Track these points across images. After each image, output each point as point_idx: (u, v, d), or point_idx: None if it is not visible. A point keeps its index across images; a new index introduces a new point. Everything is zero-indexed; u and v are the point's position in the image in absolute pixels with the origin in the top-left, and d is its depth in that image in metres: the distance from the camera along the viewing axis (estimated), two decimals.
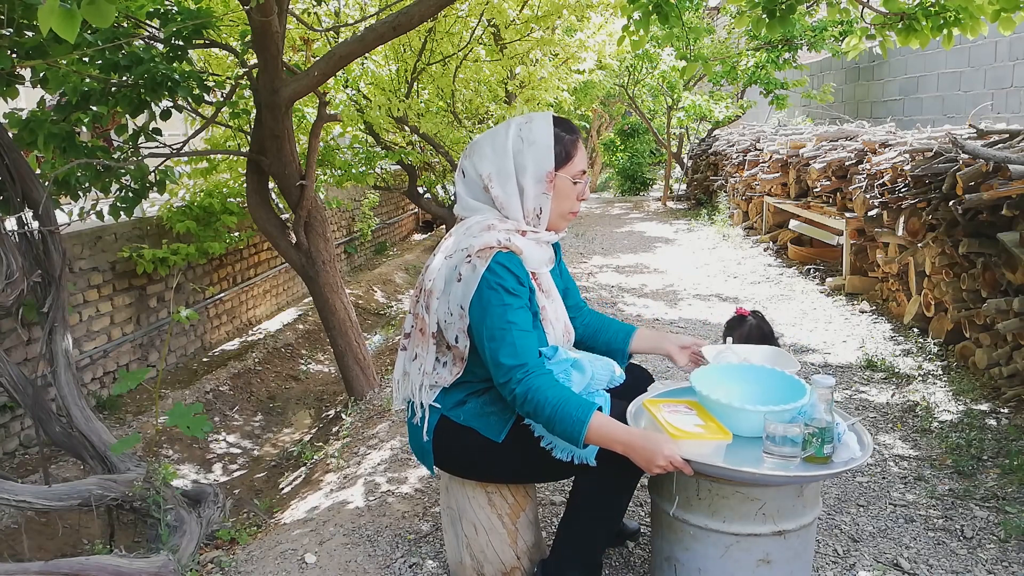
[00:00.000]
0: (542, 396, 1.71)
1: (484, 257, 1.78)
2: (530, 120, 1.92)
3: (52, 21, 1.46)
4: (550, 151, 1.88)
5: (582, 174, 1.94)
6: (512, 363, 1.74)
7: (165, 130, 3.76)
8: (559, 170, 1.90)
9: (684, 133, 14.91)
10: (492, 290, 1.77)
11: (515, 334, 1.76)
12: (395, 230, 10.58)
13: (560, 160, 1.89)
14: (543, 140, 1.88)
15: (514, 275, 1.80)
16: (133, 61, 3.18)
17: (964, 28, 3.42)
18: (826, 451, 1.71)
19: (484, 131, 6.92)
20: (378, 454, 3.30)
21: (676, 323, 5.13)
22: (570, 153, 1.91)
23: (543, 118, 1.92)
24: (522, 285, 1.82)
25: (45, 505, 2.54)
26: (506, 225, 1.88)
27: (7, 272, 2.70)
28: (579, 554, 1.93)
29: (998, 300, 3.41)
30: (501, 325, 1.76)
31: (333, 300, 4.14)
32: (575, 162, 1.92)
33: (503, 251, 1.80)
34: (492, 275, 1.77)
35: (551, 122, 1.91)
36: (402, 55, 5.89)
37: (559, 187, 1.91)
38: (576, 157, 1.92)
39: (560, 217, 1.96)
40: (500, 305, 1.77)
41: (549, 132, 1.89)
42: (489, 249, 1.79)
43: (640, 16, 3.52)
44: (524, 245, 1.86)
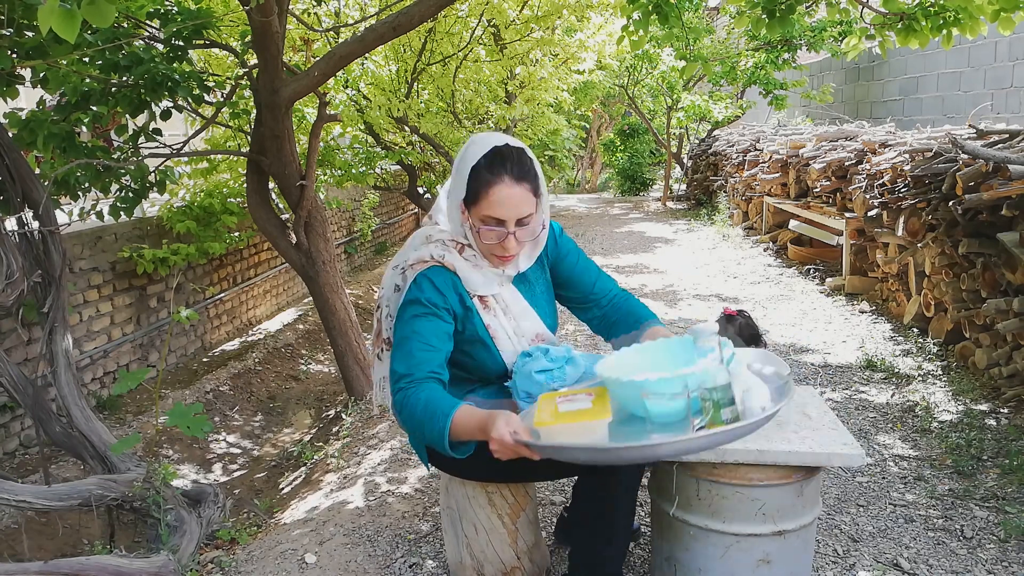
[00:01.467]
0: (414, 399, 1.65)
1: (415, 270, 1.78)
2: (477, 141, 1.76)
3: (52, 21, 1.46)
4: (463, 182, 1.73)
5: (495, 222, 1.72)
6: (401, 371, 1.70)
7: (165, 130, 3.76)
8: (469, 206, 1.75)
9: (684, 133, 14.91)
10: (408, 303, 1.77)
11: (414, 344, 1.72)
12: (395, 230, 10.58)
13: (469, 196, 1.73)
14: (464, 166, 1.74)
15: (436, 289, 1.77)
16: (133, 61, 3.19)
17: (964, 28, 3.42)
18: (725, 416, 1.47)
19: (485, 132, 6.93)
20: (378, 454, 3.30)
21: (676, 323, 5.13)
22: (479, 195, 1.71)
23: (482, 144, 1.74)
24: (443, 297, 1.77)
25: (45, 505, 2.54)
26: (444, 236, 1.82)
27: (7, 272, 2.70)
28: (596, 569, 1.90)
29: (998, 300, 3.41)
30: (405, 333, 1.74)
31: (333, 300, 4.14)
32: (482, 205, 1.71)
33: (435, 265, 1.78)
34: (415, 287, 1.77)
35: (485, 150, 1.72)
36: (402, 55, 5.90)
37: (473, 224, 1.76)
38: (485, 201, 1.71)
39: (487, 252, 1.80)
40: (410, 316, 1.75)
41: (471, 161, 1.72)
42: (422, 263, 1.78)
43: (640, 16, 3.52)
44: (461, 265, 1.79)
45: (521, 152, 1.75)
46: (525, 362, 1.86)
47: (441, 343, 1.76)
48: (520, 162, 1.73)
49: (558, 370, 1.84)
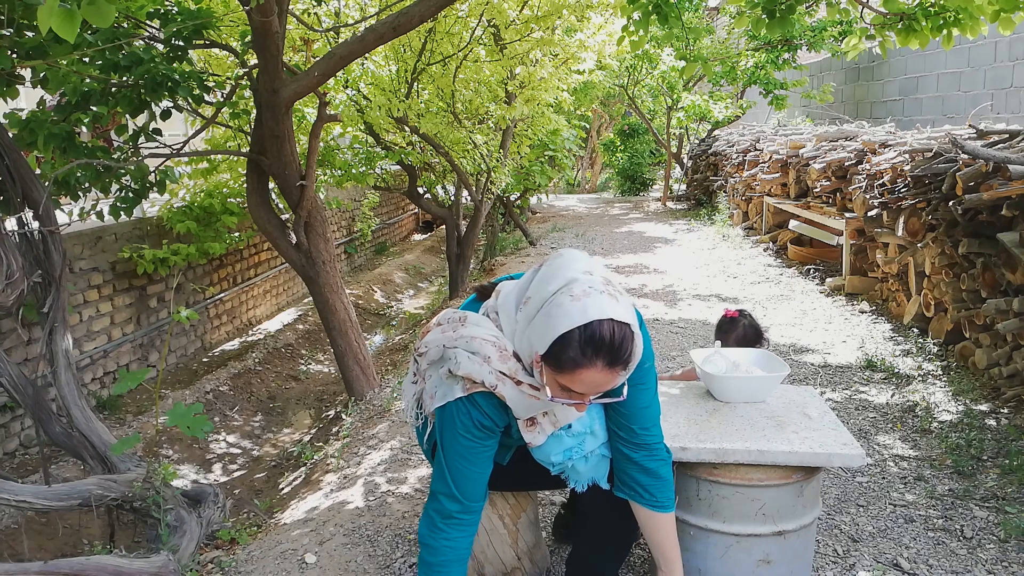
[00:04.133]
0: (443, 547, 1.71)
1: (465, 388, 1.66)
2: (579, 299, 1.49)
3: (52, 21, 1.46)
4: (547, 342, 1.51)
5: (564, 393, 1.56)
6: (452, 492, 1.71)
7: (165, 130, 3.76)
8: (547, 365, 1.55)
9: (684, 133, 14.91)
10: (461, 423, 1.68)
11: (463, 467, 1.70)
12: (395, 230, 10.58)
13: (550, 361, 1.53)
14: (553, 327, 1.50)
15: (487, 417, 1.69)
16: (133, 61, 3.18)
17: (964, 28, 3.42)
18: None
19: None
20: (378, 454, 3.30)
21: (676, 323, 5.13)
22: (562, 368, 1.51)
23: (583, 312, 1.47)
24: (494, 427, 1.71)
25: (45, 505, 2.54)
26: (504, 366, 1.63)
27: (7, 272, 2.70)
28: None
29: (998, 300, 3.41)
30: (455, 454, 1.70)
31: (333, 300, 4.14)
32: (565, 377, 1.52)
33: (486, 392, 1.66)
34: (466, 410, 1.67)
35: (583, 322, 1.47)
36: (402, 55, 5.89)
37: (545, 374, 1.57)
38: (568, 376, 1.51)
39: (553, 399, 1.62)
40: (460, 439, 1.69)
41: (563, 327, 1.48)
42: (472, 384, 1.65)
43: (640, 16, 3.52)
44: (513, 396, 1.65)
45: (623, 335, 1.49)
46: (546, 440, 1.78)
47: (484, 466, 1.74)
48: (620, 346, 1.48)
49: (578, 447, 1.78)
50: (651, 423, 1.76)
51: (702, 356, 2.20)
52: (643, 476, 1.75)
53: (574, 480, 1.81)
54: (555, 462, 1.78)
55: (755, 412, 2.02)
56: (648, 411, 1.76)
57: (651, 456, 1.75)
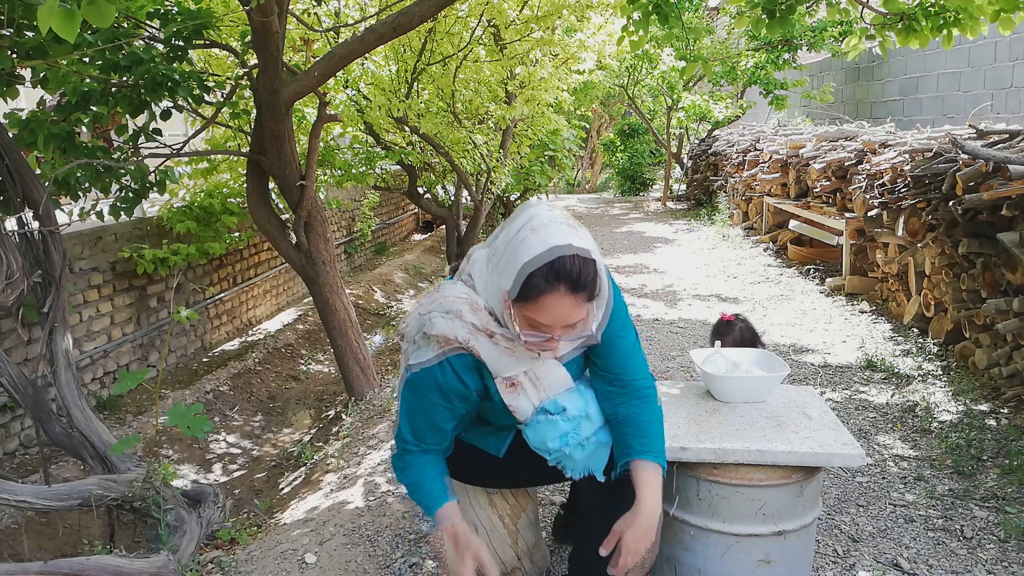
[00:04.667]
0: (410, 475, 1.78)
1: (440, 347, 1.68)
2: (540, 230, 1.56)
3: (52, 21, 1.46)
4: (512, 276, 1.56)
5: (543, 327, 1.57)
6: (408, 437, 1.77)
7: (165, 130, 3.76)
8: (515, 302, 1.58)
9: (684, 133, 14.91)
10: (428, 384, 1.70)
11: (423, 422, 1.75)
12: (395, 230, 10.58)
13: (517, 296, 1.56)
14: (517, 261, 1.55)
15: (460, 380, 1.70)
16: (133, 61, 3.18)
17: (964, 28, 3.42)
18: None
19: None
20: (378, 454, 3.30)
21: (676, 323, 5.13)
22: (528, 299, 1.54)
23: (543, 239, 1.54)
24: (464, 386, 1.71)
25: (45, 505, 2.54)
26: (475, 318, 1.66)
27: (7, 272, 2.70)
28: None
29: (998, 300, 3.41)
30: (416, 409, 1.75)
31: (333, 300, 4.14)
32: (530, 309, 1.55)
33: (461, 352, 1.67)
34: (440, 372, 1.69)
35: (542, 251, 1.53)
36: (402, 55, 5.89)
37: (515, 315, 1.60)
38: (534, 306, 1.54)
39: (526, 345, 1.64)
40: (426, 399, 1.72)
41: (526, 258, 1.54)
42: (446, 342, 1.67)
43: (640, 16, 3.52)
44: (488, 351, 1.67)
45: (585, 260, 1.55)
46: (540, 423, 1.76)
47: (447, 423, 1.76)
48: (582, 270, 1.54)
49: (573, 431, 1.76)
50: (639, 370, 1.80)
51: (702, 356, 2.20)
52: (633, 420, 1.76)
53: (570, 468, 1.78)
54: (551, 448, 1.75)
55: (755, 412, 2.02)
56: (633, 358, 1.80)
57: (643, 404, 1.78)
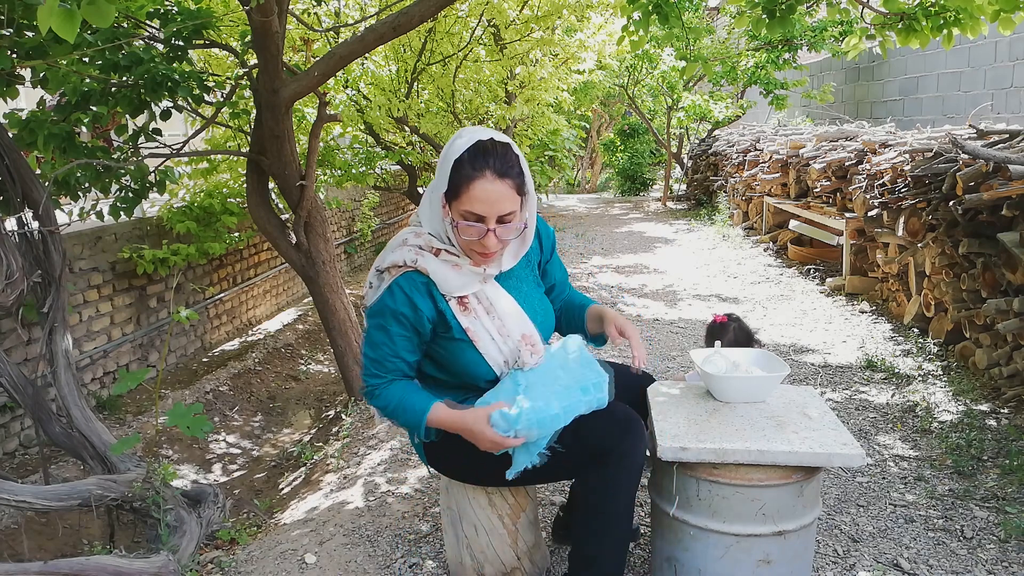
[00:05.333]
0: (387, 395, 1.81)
1: (390, 275, 1.78)
2: (464, 135, 1.71)
3: (52, 21, 1.46)
4: (446, 175, 1.69)
5: (475, 218, 1.67)
6: (373, 370, 1.82)
7: (165, 130, 3.76)
8: (450, 200, 1.70)
9: (684, 133, 14.91)
10: (381, 311, 1.79)
11: (385, 351, 1.80)
12: (395, 230, 10.58)
13: (451, 191, 1.69)
14: (447, 159, 1.69)
15: (409, 302, 1.76)
16: (133, 61, 3.18)
17: (964, 28, 3.42)
18: None
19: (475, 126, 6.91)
20: (378, 454, 3.30)
21: (676, 323, 5.13)
22: (459, 189, 1.66)
23: (469, 136, 1.70)
24: (414, 307, 1.76)
25: (45, 505, 2.54)
26: (420, 240, 1.78)
27: (7, 272, 2.70)
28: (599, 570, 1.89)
29: (998, 300, 3.41)
30: (377, 339, 1.80)
31: (333, 300, 4.14)
32: (463, 199, 1.67)
33: (408, 271, 1.76)
34: (388, 296, 1.77)
35: (470, 144, 1.67)
36: (402, 55, 5.89)
37: (453, 218, 1.71)
38: (466, 195, 1.66)
39: (467, 249, 1.75)
40: (381, 327, 1.79)
41: (454, 155, 1.67)
42: (396, 268, 1.77)
43: (640, 16, 3.52)
44: (435, 268, 1.76)
45: (507, 147, 1.70)
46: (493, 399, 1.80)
47: (410, 355, 1.83)
48: (504, 158, 1.67)
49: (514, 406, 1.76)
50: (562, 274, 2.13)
51: (702, 356, 2.20)
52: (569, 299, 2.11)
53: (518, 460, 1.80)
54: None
55: (755, 412, 2.02)
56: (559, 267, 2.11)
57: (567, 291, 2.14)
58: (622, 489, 1.81)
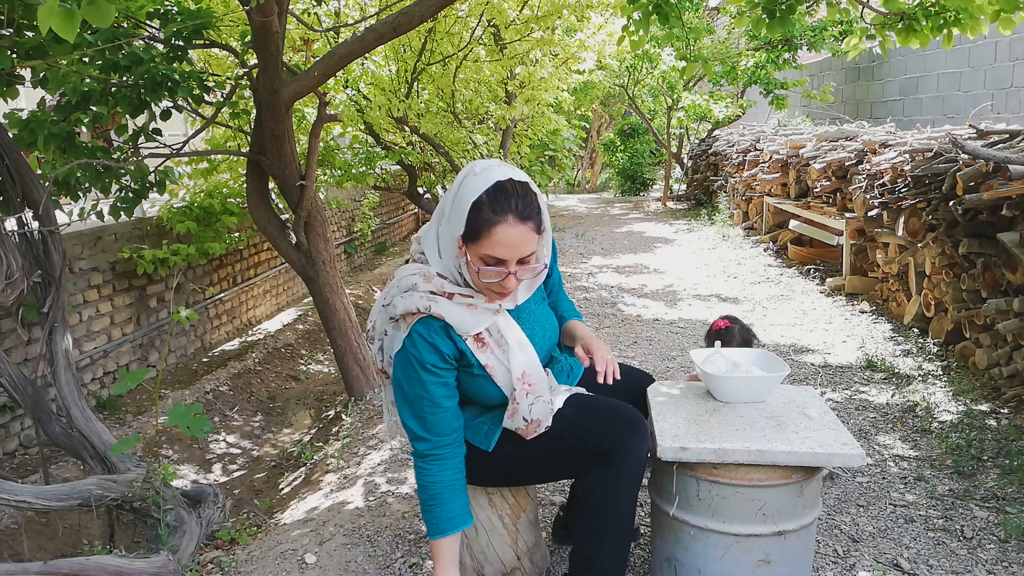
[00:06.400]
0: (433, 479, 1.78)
1: (406, 323, 1.73)
2: (480, 173, 1.66)
3: (52, 21, 1.46)
4: (462, 216, 1.64)
5: (495, 261, 1.65)
6: (419, 433, 1.78)
7: (165, 130, 3.76)
8: (467, 242, 1.66)
9: (684, 133, 14.91)
10: (408, 363, 1.75)
11: (425, 407, 1.76)
12: (395, 230, 10.58)
13: (469, 235, 1.64)
14: (463, 202, 1.64)
15: (433, 349, 1.73)
16: (133, 61, 3.18)
17: (964, 28, 3.42)
18: None
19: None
20: (378, 454, 3.30)
21: (676, 323, 5.13)
22: (480, 234, 1.63)
23: (484, 175, 1.65)
24: (443, 358, 1.75)
25: (45, 505, 2.54)
26: (430, 285, 1.73)
27: (7, 272, 2.70)
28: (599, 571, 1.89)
29: (998, 300, 3.41)
30: (413, 396, 1.77)
31: (333, 300, 4.14)
32: (483, 243, 1.63)
33: (424, 318, 1.72)
34: (411, 346, 1.73)
35: (487, 186, 1.63)
36: (402, 55, 5.89)
37: (469, 259, 1.68)
38: (486, 240, 1.62)
39: (484, 288, 1.72)
40: (415, 379, 1.75)
41: (472, 197, 1.63)
42: (410, 316, 1.73)
43: (640, 16, 3.52)
44: (451, 311, 1.72)
45: (526, 188, 1.66)
46: None
47: (449, 402, 1.79)
48: (525, 199, 1.64)
49: None
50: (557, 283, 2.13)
51: (702, 356, 2.20)
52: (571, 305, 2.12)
53: None
54: None
55: (755, 412, 2.02)
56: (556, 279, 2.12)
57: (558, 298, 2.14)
58: (623, 489, 1.81)
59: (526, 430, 1.82)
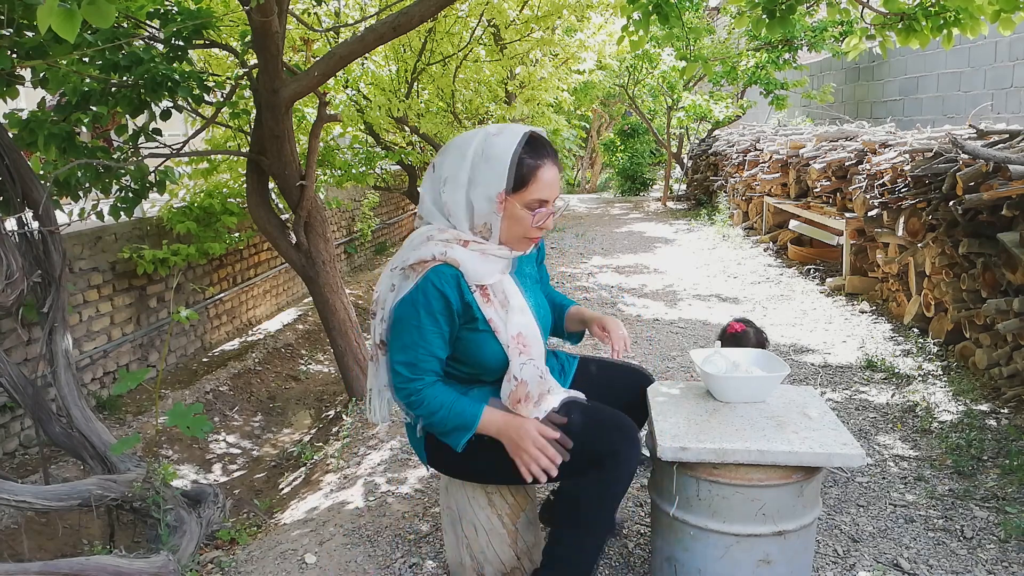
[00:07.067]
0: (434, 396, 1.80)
1: (417, 271, 1.76)
2: (499, 132, 1.79)
3: (52, 21, 1.46)
4: (505, 172, 1.75)
5: (540, 203, 1.80)
6: (409, 377, 1.79)
7: (165, 130, 3.76)
8: (513, 195, 1.77)
9: (684, 133, 14.91)
10: (413, 307, 1.76)
11: (420, 353, 1.78)
12: (395, 230, 10.58)
13: (515, 184, 1.76)
14: (501, 159, 1.75)
15: (441, 296, 1.75)
16: (133, 61, 3.18)
17: (964, 28, 3.42)
18: None
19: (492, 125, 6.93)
20: (378, 454, 3.30)
21: (676, 323, 5.13)
22: (527, 180, 1.77)
23: (511, 134, 1.78)
24: (448, 308, 1.77)
25: (45, 505, 2.54)
26: (446, 235, 1.80)
27: (7, 272, 2.70)
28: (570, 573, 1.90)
29: (998, 300, 3.41)
30: (409, 342, 1.78)
31: (333, 300, 4.14)
32: (532, 189, 1.78)
33: (438, 264, 1.75)
34: (420, 292, 1.75)
35: (518, 140, 1.76)
36: (402, 55, 5.89)
37: (510, 211, 1.79)
38: (535, 184, 1.78)
39: (515, 239, 1.84)
40: (415, 325, 1.76)
41: (510, 151, 1.75)
42: (423, 264, 1.76)
43: (640, 16, 3.52)
44: (465, 257, 1.77)
45: (544, 137, 1.86)
46: None
47: (441, 352, 1.82)
48: (550, 145, 1.84)
49: None
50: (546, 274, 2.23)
51: (702, 356, 2.20)
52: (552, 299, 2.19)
53: None
54: None
55: (755, 412, 2.02)
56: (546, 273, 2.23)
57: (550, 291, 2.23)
58: (610, 495, 1.82)
59: (515, 393, 1.83)
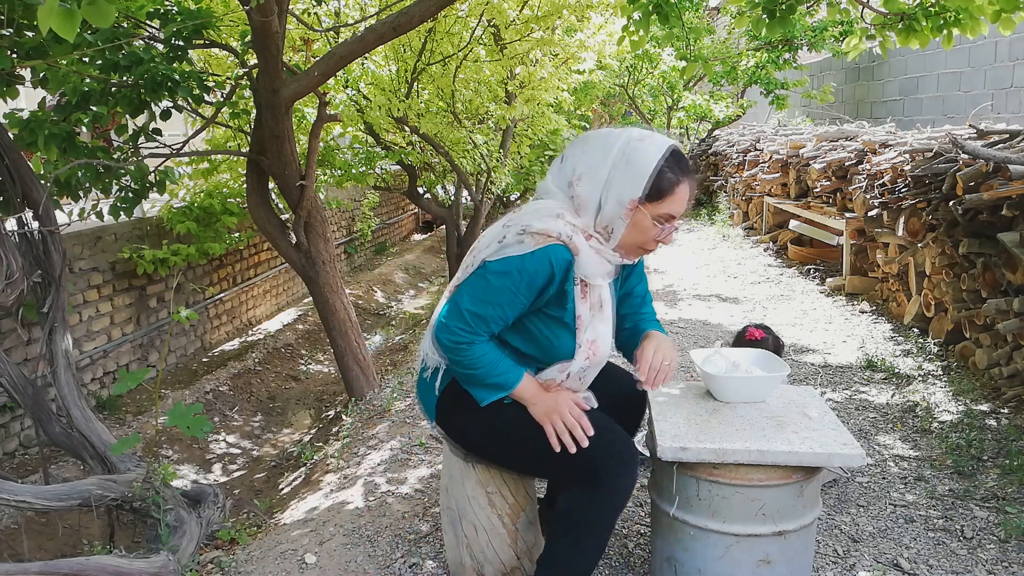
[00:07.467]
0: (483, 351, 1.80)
1: (537, 241, 1.72)
2: (644, 139, 1.77)
3: (52, 21, 1.46)
4: (644, 181, 1.73)
5: (668, 219, 1.78)
6: (471, 326, 1.77)
7: (165, 130, 3.76)
8: (646, 204, 1.75)
9: (684, 133, 14.90)
10: (513, 272, 1.72)
11: (491, 311, 1.76)
12: (395, 230, 10.58)
13: (651, 194, 1.74)
14: (643, 166, 1.74)
15: (548, 275, 1.74)
16: (133, 61, 3.18)
17: (964, 28, 3.42)
18: None
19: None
20: (378, 454, 3.30)
21: (676, 323, 5.13)
22: (664, 193, 1.75)
23: (657, 144, 1.76)
24: (549, 285, 1.76)
25: (45, 505, 2.54)
26: (576, 221, 1.78)
27: (7, 272, 2.70)
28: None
29: (998, 300, 3.41)
30: (491, 299, 1.75)
31: (333, 300, 4.14)
32: (666, 203, 1.76)
33: (559, 244, 1.73)
34: (530, 260, 1.71)
35: (663, 152, 1.75)
36: (402, 55, 5.89)
37: (637, 219, 1.76)
38: (671, 199, 1.75)
39: (631, 247, 1.82)
40: (507, 288, 1.74)
41: (654, 161, 1.73)
42: (546, 236, 1.72)
43: (640, 16, 3.52)
44: (584, 248, 1.76)
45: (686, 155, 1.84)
46: None
47: (507, 322, 1.82)
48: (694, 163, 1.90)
49: None
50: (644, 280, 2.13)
51: (702, 356, 2.20)
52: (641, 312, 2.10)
53: None
54: None
55: (755, 412, 2.02)
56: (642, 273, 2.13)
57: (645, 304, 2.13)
58: (607, 511, 1.82)
59: (553, 382, 1.87)
